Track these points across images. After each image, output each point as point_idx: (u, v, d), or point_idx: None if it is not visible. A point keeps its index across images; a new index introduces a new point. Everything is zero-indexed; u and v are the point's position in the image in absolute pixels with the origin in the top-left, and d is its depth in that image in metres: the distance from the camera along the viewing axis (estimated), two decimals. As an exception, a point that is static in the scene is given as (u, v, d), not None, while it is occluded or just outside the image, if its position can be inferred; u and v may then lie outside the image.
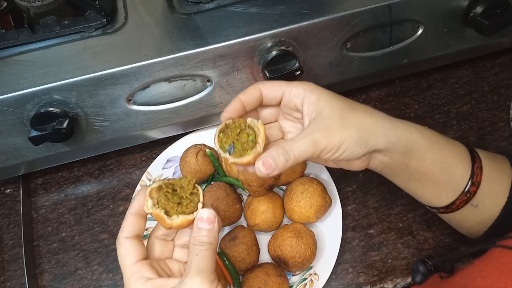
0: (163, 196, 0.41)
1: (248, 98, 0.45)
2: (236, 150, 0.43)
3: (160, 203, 0.41)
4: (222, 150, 0.43)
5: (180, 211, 0.41)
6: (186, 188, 0.42)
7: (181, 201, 0.41)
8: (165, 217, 0.40)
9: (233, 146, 0.43)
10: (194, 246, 0.39)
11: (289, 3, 0.58)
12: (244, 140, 0.43)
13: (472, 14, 0.61)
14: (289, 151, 0.41)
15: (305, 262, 0.55)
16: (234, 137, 0.43)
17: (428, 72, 0.75)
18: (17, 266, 0.61)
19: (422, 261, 0.52)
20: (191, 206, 0.41)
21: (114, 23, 0.58)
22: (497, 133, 0.69)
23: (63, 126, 0.53)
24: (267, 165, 0.41)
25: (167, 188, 0.41)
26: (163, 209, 0.40)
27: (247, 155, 0.42)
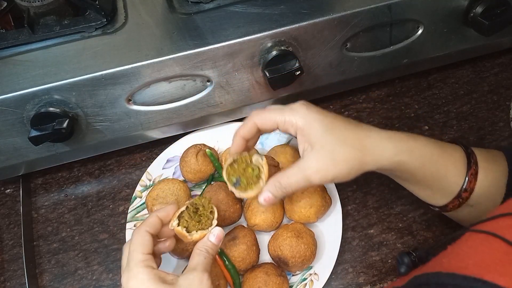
0: (187, 215, 0.49)
1: (246, 134, 0.50)
2: (242, 184, 0.49)
3: (183, 219, 0.48)
4: (230, 183, 0.50)
5: (199, 228, 0.48)
6: (207, 207, 0.50)
7: (201, 219, 0.49)
8: (186, 234, 0.48)
9: (239, 180, 0.49)
10: (200, 250, 0.47)
11: (289, 3, 0.58)
12: (249, 175, 0.49)
13: (472, 14, 0.61)
14: (286, 186, 0.47)
15: (305, 262, 0.55)
16: (241, 171, 0.49)
17: (428, 72, 0.75)
18: (17, 266, 0.61)
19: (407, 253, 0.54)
20: (207, 223, 0.49)
21: (114, 23, 0.58)
22: (497, 133, 0.69)
23: (63, 126, 0.53)
24: (268, 200, 0.48)
25: (192, 208, 0.49)
26: (184, 226, 0.48)
27: (251, 190, 0.49)
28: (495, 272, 0.32)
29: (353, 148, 0.46)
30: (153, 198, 0.60)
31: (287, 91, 0.64)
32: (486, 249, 0.34)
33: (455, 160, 0.50)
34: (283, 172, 0.47)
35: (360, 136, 0.46)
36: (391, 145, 0.47)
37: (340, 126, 0.47)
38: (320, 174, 0.45)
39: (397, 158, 0.47)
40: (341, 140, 0.46)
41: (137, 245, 0.45)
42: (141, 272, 0.43)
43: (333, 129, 0.46)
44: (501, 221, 0.36)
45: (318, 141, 0.46)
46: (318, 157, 0.45)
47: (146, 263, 0.44)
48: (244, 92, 0.61)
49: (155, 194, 0.60)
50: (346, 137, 0.46)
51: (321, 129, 0.46)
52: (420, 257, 0.52)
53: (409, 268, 0.53)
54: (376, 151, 0.46)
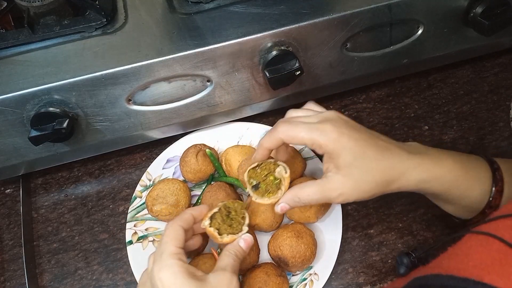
0: (220, 217, 0.50)
1: (271, 147, 0.50)
2: (261, 189, 0.51)
3: (215, 221, 0.50)
4: (249, 185, 0.51)
5: (230, 231, 0.49)
6: (239, 212, 0.51)
7: (232, 223, 0.50)
8: (217, 236, 0.49)
9: (258, 185, 0.51)
10: (230, 252, 0.48)
11: (289, 3, 0.58)
12: (269, 183, 0.51)
13: (472, 14, 0.61)
14: (304, 202, 0.48)
15: (305, 262, 0.55)
16: (262, 178, 0.51)
17: (428, 72, 0.75)
18: (17, 266, 0.61)
19: (406, 254, 0.54)
20: (238, 227, 0.50)
21: (114, 23, 0.58)
22: (497, 133, 0.69)
23: (63, 126, 0.53)
24: (284, 210, 0.50)
25: (225, 211, 0.50)
26: (216, 228, 0.49)
27: (268, 198, 0.50)
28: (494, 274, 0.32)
29: (380, 180, 0.46)
30: (153, 198, 0.60)
31: (287, 91, 0.64)
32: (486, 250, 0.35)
33: (480, 181, 0.50)
34: (303, 188, 0.48)
35: (387, 168, 0.46)
36: (416, 174, 0.47)
37: (370, 156, 0.46)
38: (343, 198, 0.46)
39: (420, 186, 0.48)
40: (369, 171, 0.46)
41: (171, 238, 0.46)
42: (174, 264, 0.44)
43: (362, 159, 0.46)
44: (501, 222, 0.37)
45: (346, 168, 0.46)
46: (343, 182, 0.46)
47: (179, 256, 0.45)
48: (244, 92, 0.61)
49: (155, 194, 0.60)
50: (374, 169, 0.46)
51: (351, 158, 0.45)
52: (420, 258, 0.53)
53: (409, 269, 0.53)
54: (402, 181, 0.47)
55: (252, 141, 0.68)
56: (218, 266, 0.47)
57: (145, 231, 0.61)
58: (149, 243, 0.60)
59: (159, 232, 0.61)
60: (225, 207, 0.51)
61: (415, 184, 0.47)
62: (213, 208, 0.51)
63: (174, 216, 0.60)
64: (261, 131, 0.68)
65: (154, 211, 0.60)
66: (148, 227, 0.62)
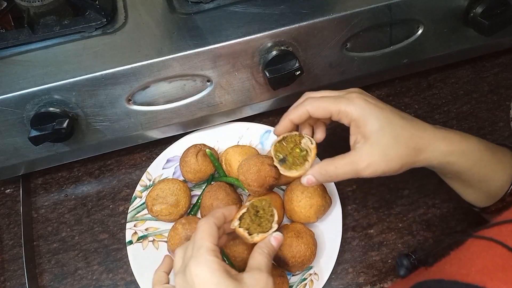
0: (249, 217, 0.49)
1: (296, 118, 0.50)
2: (288, 162, 0.51)
3: (244, 221, 0.49)
4: (276, 159, 0.51)
5: (260, 230, 0.49)
6: (267, 210, 0.50)
7: (261, 222, 0.49)
8: (248, 236, 0.48)
9: (285, 158, 0.51)
10: (262, 251, 0.46)
11: (289, 3, 0.58)
12: (296, 155, 0.50)
13: (472, 14, 0.61)
14: (332, 175, 0.47)
15: (305, 262, 0.55)
16: (288, 151, 0.51)
17: (428, 72, 0.75)
18: (17, 266, 0.61)
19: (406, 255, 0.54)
20: (268, 225, 0.49)
21: (114, 23, 0.58)
22: (497, 133, 0.69)
23: (63, 126, 0.53)
24: (310, 183, 0.49)
25: (253, 210, 0.50)
26: (246, 228, 0.49)
27: (295, 170, 0.50)
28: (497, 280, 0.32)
29: (407, 147, 0.46)
30: (153, 198, 0.60)
31: (287, 91, 0.64)
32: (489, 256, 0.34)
33: (504, 166, 0.50)
34: (331, 161, 0.47)
35: (415, 136, 0.46)
36: (444, 146, 0.47)
37: (396, 123, 0.46)
38: (371, 169, 0.46)
39: (446, 159, 0.47)
40: (396, 138, 0.45)
41: (207, 234, 0.45)
42: (211, 261, 0.42)
43: (389, 126, 0.46)
44: (504, 227, 0.36)
45: (373, 136, 0.45)
46: (371, 151, 0.45)
47: (215, 253, 0.44)
48: (244, 92, 0.61)
49: (155, 194, 0.60)
50: (401, 135, 0.46)
51: (378, 124, 0.45)
52: (420, 259, 0.52)
53: (409, 270, 0.53)
54: (429, 151, 0.46)
55: (252, 141, 0.68)
56: (252, 265, 0.45)
57: (145, 231, 0.61)
58: (149, 243, 0.60)
59: (159, 232, 0.61)
60: (252, 206, 0.50)
61: (442, 156, 0.47)
62: (242, 208, 0.50)
63: (174, 216, 0.60)
64: (261, 131, 0.68)
65: (154, 211, 0.60)
66: (148, 227, 0.62)
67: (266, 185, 0.57)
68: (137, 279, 0.57)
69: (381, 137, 0.45)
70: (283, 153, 0.51)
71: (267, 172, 0.56)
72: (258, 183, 0.56)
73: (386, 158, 0.45)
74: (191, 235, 0.56)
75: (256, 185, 0.56)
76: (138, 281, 0.57)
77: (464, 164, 0.48)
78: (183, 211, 0.61)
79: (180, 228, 0.57)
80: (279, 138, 0.52)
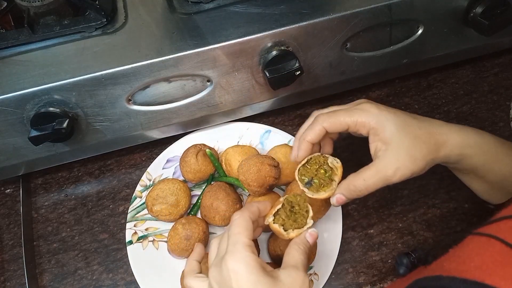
0: (284, 213, 0.48)
1: (314, 138, 0.49)
2: (314, 185, 0.50)
3: (278, 217, 0.48)
4: (301, 183, 0.50)
5: (295, 226, 0.47)
6: (302, 206, 0.49)
7: (296, 218, 0.48)
8: (284, 232, 0.47)
9: (311, 181, 0.49)
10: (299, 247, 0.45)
11: (289, 3, 0.58)
12: (321, 176, 0.50)
13: (472, 14, 0.61)
14: (362, 189, 0.47)
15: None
16: (313, 173, 0.50)
17: (428, 72, 0.75)
18: (17, 266, 0.61)
19: (406, 254, 0.54)
20: (303, 221, 0.48)
21: (114, 23, 0.58)
22: (497, 133, 0.69)
23: (63, 126, 0.53)
24: (340, 202, 0.48)
25: (288, 206, 0.49)
26: (281, 224, 0.47)
27: (323, 192, 0.49)
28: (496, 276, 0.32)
29: (429, 144, 0.46)
30: (153, 198, 0.60)
31: (287, 91, 0.64)
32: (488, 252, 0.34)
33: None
34: (358, 175, 0.47)
35: (432, 133, 0.47)
36: (460, 138, 0.47)
37: (412, 124, 0.47)
38: (400, 173, 0.45)
39: (463, 151, 0.47)
40: (416, 137, 0.46)
41: (243, 228, 0.44)
42: (248, 256, 0.41)
43: (407, 127, 0.46)
44: (503, 224, 0.36)
45: (394, 139, 0.46)
46: (396, 155, 0.45)
47: (252, 249, 0.43)
48: (244, 92, 0.61)
49: (155, 194, 0.60)
50: (420, 134, 0.46)
51: (395, 127, 0.46)
52: (419, 258, 0.53)
53: (408, 269, 0.53)
54: (448, 145, 0.47)
55: (252, 141, 0.68)
56: (288, 262, 0.44)
57: (145, 231, 0.61)
58: (149, 243, 0.60)
59: (159, 232, 0.61)
60: (287, 202, 0.49)
61: (460, 147, 0.47)
62: (277, 204, 0.49)
63: (174, 216, 0.60)
64: (261, 131, 0.68)
65: (154, 211, 0.60)
66: (148, 227, 0.62)
67: (266, 185, 0.57)
68: (137, 279, 0.57)
69: (403, 139, 0.46)
70: (308, 176, 0.50)
71: (267, 172, 0.56)
72: (258, 183, 0.56)
73: (412, 159, 0.45)
74: (191, 235, 0.56)
75: (256, 185, 0.56)
76: (138, 281, 0.57)
77: (480, 158, 0.48)
78: (183, 211, 0.61)
79: (180, 228, 0.57)
80: (303, 161, 0.51)
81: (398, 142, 0.46)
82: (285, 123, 0.71)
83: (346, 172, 0.50)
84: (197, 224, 0.58)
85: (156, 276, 0.58)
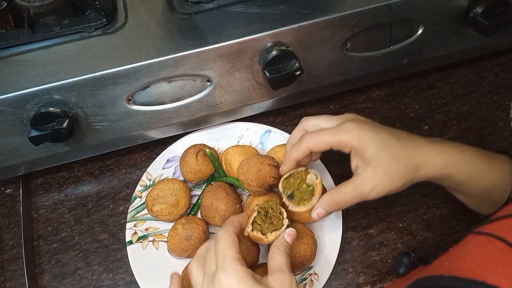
0: (259, 219, 0.51)
1: (299, 157, 0.52)
2: (295, 198, 0.52)
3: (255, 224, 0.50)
4: (284, 196, 0.53)
5: (272, 229, 0.50)
6: (275, 209, 0.51)
7: (272, 221, 0.51)
8: (262, 237, 0.50)
9: (293, 194, 0.52)
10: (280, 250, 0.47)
11: (289, 3, 0.58)
12: (303, 191, 0.52)
13: (472, 14, 0.61)
14: (340, 203, 0.49)
15: (305, 262, 0.55)
16: (295, 187, 0.53)
17: (428, 72, 0.75)
18: (17, 266, 0.61)
19: (406, 254, 0.54)
20: (279, 223, 0.50)
21: (114, 23, 0.58)
22: (497, 133, 0.69)
23: (63, 126, 0.53)
24: (320, 215, 0.50)
25: (263, 212, 0.51)
26: (259, 230, 0.50)
27: (304, 206, 0.52)
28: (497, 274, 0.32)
29: (407, 166, 0.48)
30: (153, 198, 0.60)
31: (287, 91, 0.64)
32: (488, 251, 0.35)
33: (504, 173, 0.51)
34: (337, 190, 0.49)
35: (412, 154, 0.48)
36: (440, 159, 0.49)
37: (393, 144, 0.48)
38: (377, 191, 0.48)
39: (443, 172, 0.49)
40: (395, 159, 0.48)
41: (230, 243, 0.45)
42: (239, 269, 0.43)
43: (387, 148, 0.48)
44: (504, 223, 0.37)
45: (373, 159, 0.47)
46: (374, 175, 0.48)
47: (241, 261, 0.44)
48: (244, 92, 0.61)
49: (155, 194, 0.60)
50: (400, 155, 0.48)
51: (376, 147, 0.48)
52: (420, 258, 0.53)
53: (409, 268, 0.53)
54: (428, 166, 0.48)
55: (252, 141, 0.68)
56: (273, 267, 0.46)
57: (145, 231, 0.61)
58: (149, 243, 0.60)
59: (159, 232, 0.61)
60: (262, 208, 0.52)
61: (440, 168, 0.48)
62: (252, 214, 0.51)
63: (174, 216, 0.60)
64: (261, 131, 0.68)
65: (154, 211, 0.60)
66: (148, 227, 0.62)
67: (266, 185, 0.57)
68: (137, 279, 0.57)
69: (382, 160, 0.47)
70: (291, 189, 0.53)
71: (267, 172, 0.56)
72: (258, 183, 0.56)
73: (389, 178, 0.47)
74: (191, 235, 0.56)
75: (256, 185, 0.56)
76: (138, 281, 0.57)
77: (463, 176, 0.49)
78: (183, 211, 0.61)
79: (180, 228, 0.57)
80: (286, 175, 0.54)
81: (378, 161, 0.47)
82: (285, 123, 0.71)
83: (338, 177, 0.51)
84: (197, 224, 0.58)
85: (156, 276, 0.58)
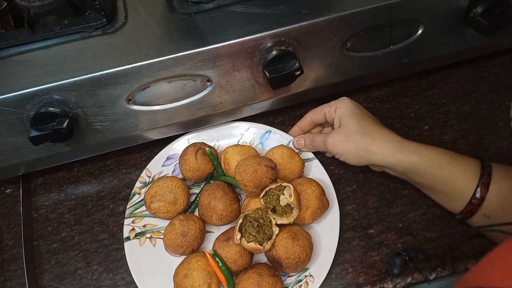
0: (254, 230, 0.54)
1: (303, 126, 0.67)
2: (278, 212, 0.56)
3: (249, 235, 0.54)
4: (269, 210, 0.56)
5: (266, 238, 0.54)
6: (265, 218, 0.55)
7: (264, 230, 0.55)
8: (260, 247, 0.54)
9: (275, 208, 0.56)
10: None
11: (289, 3, 0.58)
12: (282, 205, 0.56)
13: (472, 14, 0.61)
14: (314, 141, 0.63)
15: (300, 264, 0.55)
16: (275, 202, 0.56)
17: (428, 72, 0.75)
18: (17, 266, 0.61)
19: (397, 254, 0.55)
20: (270, 230, 0.55)
21: (114, 23, 0.58)
22: (497, 133, 0.69)
23: (63, 126, 0.53)
24: (299, 144, 0.66)
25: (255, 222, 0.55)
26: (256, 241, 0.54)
27: (286, 218, 0.56)
28: None
29: (365, 136, 0.57)
30: (152, 195, 0.60)
31: (287, 91, 0.64)
32: None
33: (465, 169, 0.54)
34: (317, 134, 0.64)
35: (375, 133, 0.58)
36: (390, 145, 0.56)
37: (369, 123, 0.59)
38: (333, 144, 0.59)
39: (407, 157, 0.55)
40: (360, 130, 0.58)
41: None
42: None
43: (361, 121, 0.58)
44: None
45: (346, 124, 0.59)
46: (339, 132, 0.59)
47: None
48: (244, 92, 0.61)
49: (153, 192, 0.60)
50: (365, 129, 0.58)
51: (354, 118, 0.59)
52: (410, 257, 0.53)
53: (403, 267, 0.53)
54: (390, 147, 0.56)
55: (252, 141, 0.68)
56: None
57: (143, 228, 0.61)
58: (146, 239, 0.60)
59: (156, 229, 0.61)
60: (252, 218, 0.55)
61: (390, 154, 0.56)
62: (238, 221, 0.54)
63: (172, 213, 0.60)
64: (261, 131, 0.68)
65: (152, 208, 0.60)
66: (146, 224, 0.62)
67: (262, 186, 0.57)
68: (133, 275, 0.57)
69: (351, 127, 0.58)
70: (272, 204, 0.56)
71: (263, 173, 0.56)
72: (254, 183, 0.56)
73: (346, 139, 0.58)
74: (187, 231, 0.57)
75: (252, 186, 0.56)
76: (134, 277, 0.57)
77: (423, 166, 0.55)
78: (181, 209, 0.61)
79: (177, 224, 0.57)
80: (262, 193, 0.57)
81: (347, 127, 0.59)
82: (285, 123, 0.71)
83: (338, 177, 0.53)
84: (194, 222, 0.58)
85: (152, 272, 0.58)
